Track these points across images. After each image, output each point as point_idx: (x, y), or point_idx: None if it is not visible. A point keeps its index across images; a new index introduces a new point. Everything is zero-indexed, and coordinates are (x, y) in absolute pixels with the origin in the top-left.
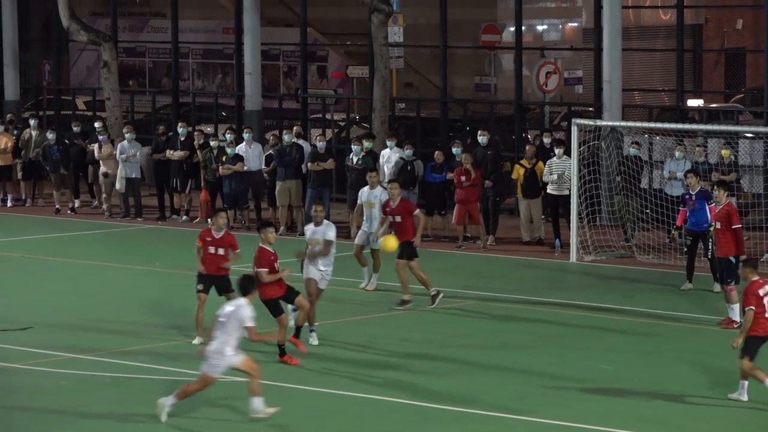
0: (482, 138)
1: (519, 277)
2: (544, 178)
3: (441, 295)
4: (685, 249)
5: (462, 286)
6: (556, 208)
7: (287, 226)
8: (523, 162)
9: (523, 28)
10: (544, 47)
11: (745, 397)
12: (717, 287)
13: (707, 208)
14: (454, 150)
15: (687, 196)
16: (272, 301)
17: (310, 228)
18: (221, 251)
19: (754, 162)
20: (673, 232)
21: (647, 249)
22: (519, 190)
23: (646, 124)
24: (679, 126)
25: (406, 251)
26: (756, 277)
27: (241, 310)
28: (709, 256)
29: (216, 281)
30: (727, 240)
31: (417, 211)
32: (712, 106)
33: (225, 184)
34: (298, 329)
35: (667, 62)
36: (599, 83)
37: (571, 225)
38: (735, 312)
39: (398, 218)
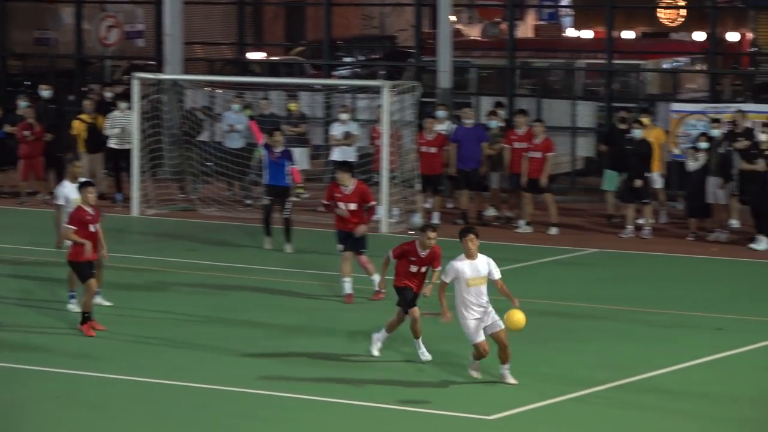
0: (45, 92)
1: None
2: (106, 132)
3: None
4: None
5: (26, 243)
6: (118, 161)
7: None
8: (84, 117)
9: None
10: (105, 1)
11: (428, 355)
12: (268, 244)
13: (287, 166)
14: (21, 104)
15: (268, 150)
16: (81, 264)
17: None
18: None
19: (314, 114)
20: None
21: (210, 202)
22: (81, 145)
23: (207, 78)
24: (240, 79)
25: None
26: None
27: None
28: (287, 215)
29: None
30: (360, 216)
31: None
32: (273, 58)
33: None
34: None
35: (228, 15)
36: (160, 37)
37: (132, 179)
38: (377, 281)
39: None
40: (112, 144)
